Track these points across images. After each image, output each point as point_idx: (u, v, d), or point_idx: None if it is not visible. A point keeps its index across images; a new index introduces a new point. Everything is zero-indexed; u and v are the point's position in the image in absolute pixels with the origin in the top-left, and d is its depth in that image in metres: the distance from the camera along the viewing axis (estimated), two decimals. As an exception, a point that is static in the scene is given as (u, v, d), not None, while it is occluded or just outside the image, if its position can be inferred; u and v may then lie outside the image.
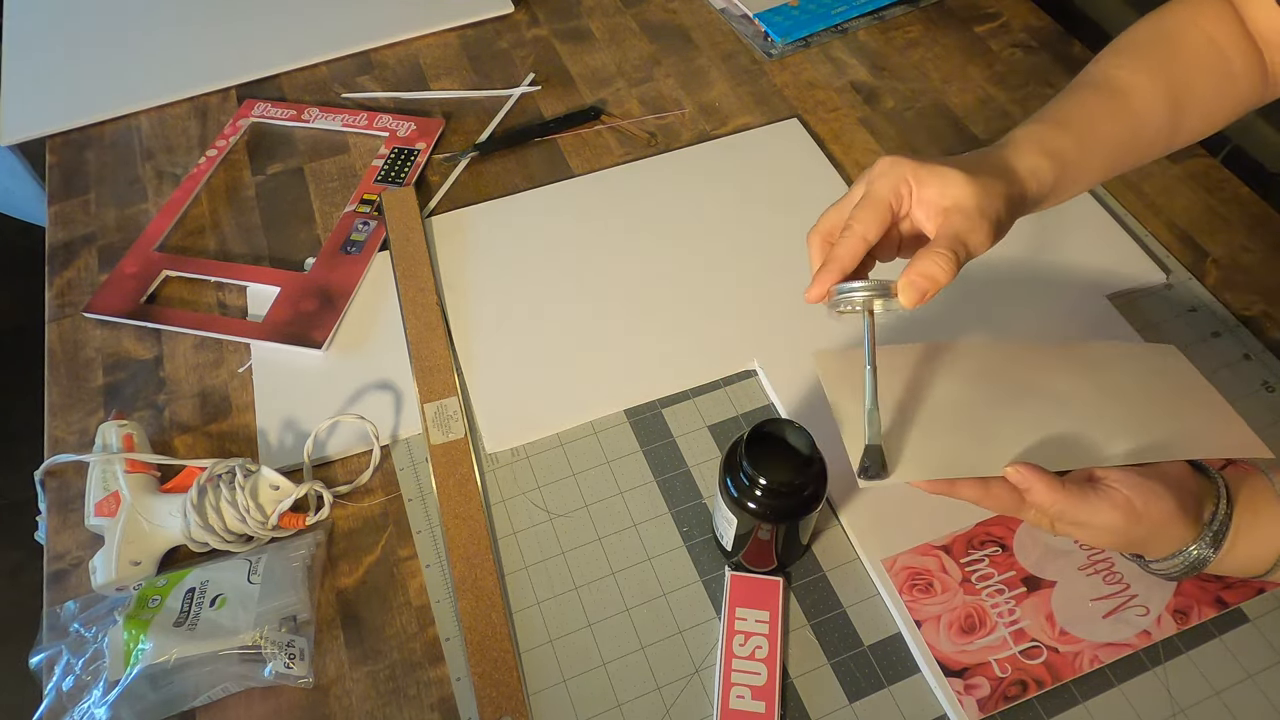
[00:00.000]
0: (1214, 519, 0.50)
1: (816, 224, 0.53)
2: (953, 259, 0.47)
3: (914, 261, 0.48)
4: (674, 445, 0.64)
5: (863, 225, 0.50)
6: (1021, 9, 0.95)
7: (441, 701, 0.55)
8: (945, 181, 0.49)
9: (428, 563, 0.60)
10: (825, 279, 0.50)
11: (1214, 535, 0.50)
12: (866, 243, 0.50)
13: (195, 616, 0.54)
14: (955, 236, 0.48)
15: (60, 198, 0.82)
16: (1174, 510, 0.49)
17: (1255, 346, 0.68)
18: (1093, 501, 0.48)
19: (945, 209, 0.49)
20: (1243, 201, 0.78)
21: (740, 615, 0.56)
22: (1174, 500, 0.49)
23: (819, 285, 0.50)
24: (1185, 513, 0.49)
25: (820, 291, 0.50)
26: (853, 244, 0.50)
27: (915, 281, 0.47)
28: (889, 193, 0.50)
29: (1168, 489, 0.49)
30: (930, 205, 0.50)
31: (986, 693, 0.53)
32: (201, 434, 0.66)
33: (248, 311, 0.73)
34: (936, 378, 0.56)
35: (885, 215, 0.50)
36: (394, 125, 0.85)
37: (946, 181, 0.49)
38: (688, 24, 0.95)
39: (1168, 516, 0.49)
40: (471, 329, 0.71)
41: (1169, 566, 0.51)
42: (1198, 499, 0.50)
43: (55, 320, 0.73)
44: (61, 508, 0.63)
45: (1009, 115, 0.85)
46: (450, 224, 0.78)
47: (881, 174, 0.50)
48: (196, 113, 0.88)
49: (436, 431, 0.64)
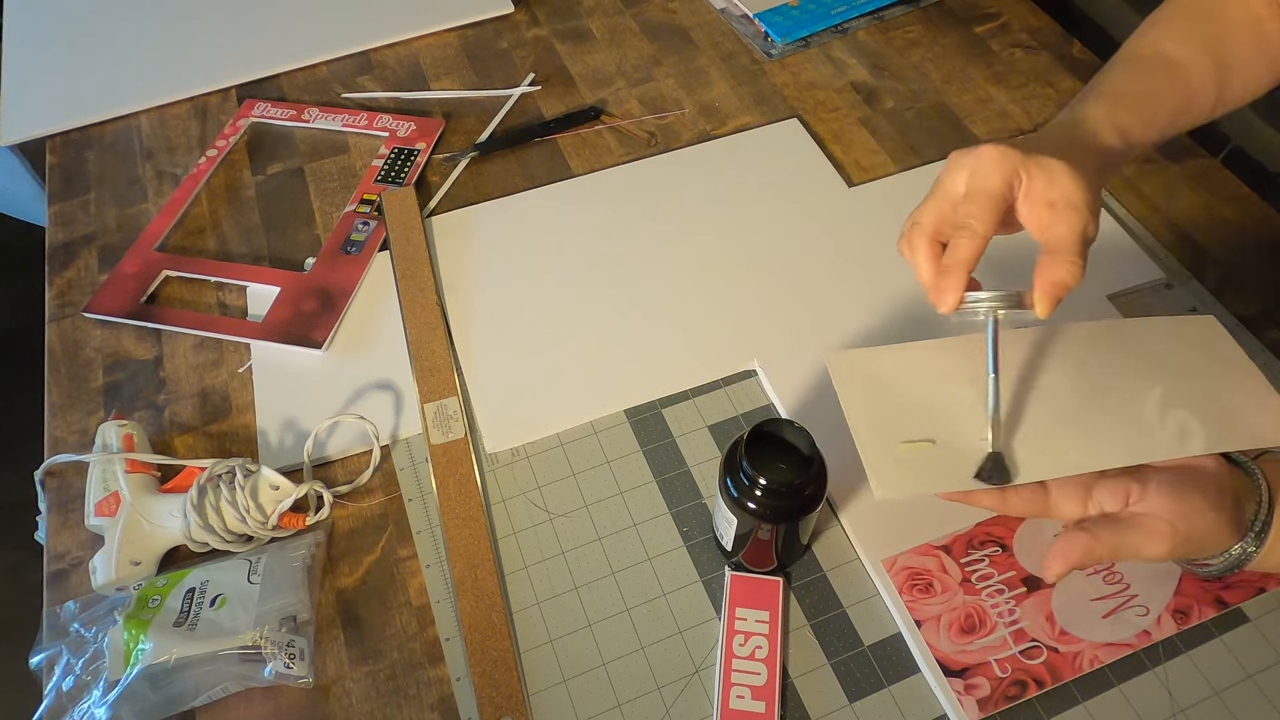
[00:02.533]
0: (1255, 519, 0.49)
1: (917, 222, 0.50)
2: (1083, 263, 0.46)
3: (1046, 269, 0.46)
4: (674, 445, 0.64)
5: (983, 223, 0.47)
6: (1021, 9, 0.95)
7: (441, 701, 0.55)
8: (1052, 175, 0.47)
9: (428, 563, 0.60)
10: (957, 285, 0.47)
11: (1256, 534, 0.49)
12: (986, 241, 0.47)
13: (195, 616, 0.54)
14: (1080, 236, 0.46)
15: (60, 198, 0.82)
16: (1215, 521, 0.48)
17: (1255, 346, 0.68)
18: (1134, 542, 0.47)
19: (1052, 202, 0.47)
20: (1243, 201, 0.78)
21: (740, 615, 0.56)
22: (1215, 512, 0.48)
23: (953, 292, 0.47)
24: (1228, 519, 0.48)
25: (956, 299, 0.47)
26: (976, 245, 0.47)
27: (1051, 291, 0.46)
28: (1003, 186, 0.47)
29: (1207, 501, 0.48)
30: (1037, 198, 0.47)
31: (986, 693, 0.53)
32: (201, 434, 0.66)
33: (248, 311, 0.73)
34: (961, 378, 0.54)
35: (1002, 210, 0.48)
36: (394, 125, 0.85)
37: (1053, 175, 0.47)
38: (688, 24, 0.95)
39: (1210, 529, 0.48)
40: (471, 329, 0.71)
41: (1211, 567, 0.51)
42: (1238, 500, 0.49)
43: (55, 320, 0.73)
44: (61, 508, 0.63)
45: (1009, 115, 0.85)
46: (450, 224, 0.78)
47: (993, 165, 0.47)
48: (196, 113, 0.88)
49: (436, 431, 0.64)
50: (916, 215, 0.50)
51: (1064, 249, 0.46)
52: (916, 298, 0.71)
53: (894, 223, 0.75)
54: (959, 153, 0.49)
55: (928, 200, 0.50)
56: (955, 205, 0.49)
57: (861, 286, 0.72)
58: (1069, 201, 0.47)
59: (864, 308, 0.70)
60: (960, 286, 0.47)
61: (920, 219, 0.50)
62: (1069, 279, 0.46)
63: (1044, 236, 0.48)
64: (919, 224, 0.50)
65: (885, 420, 0.52)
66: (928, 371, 0.55)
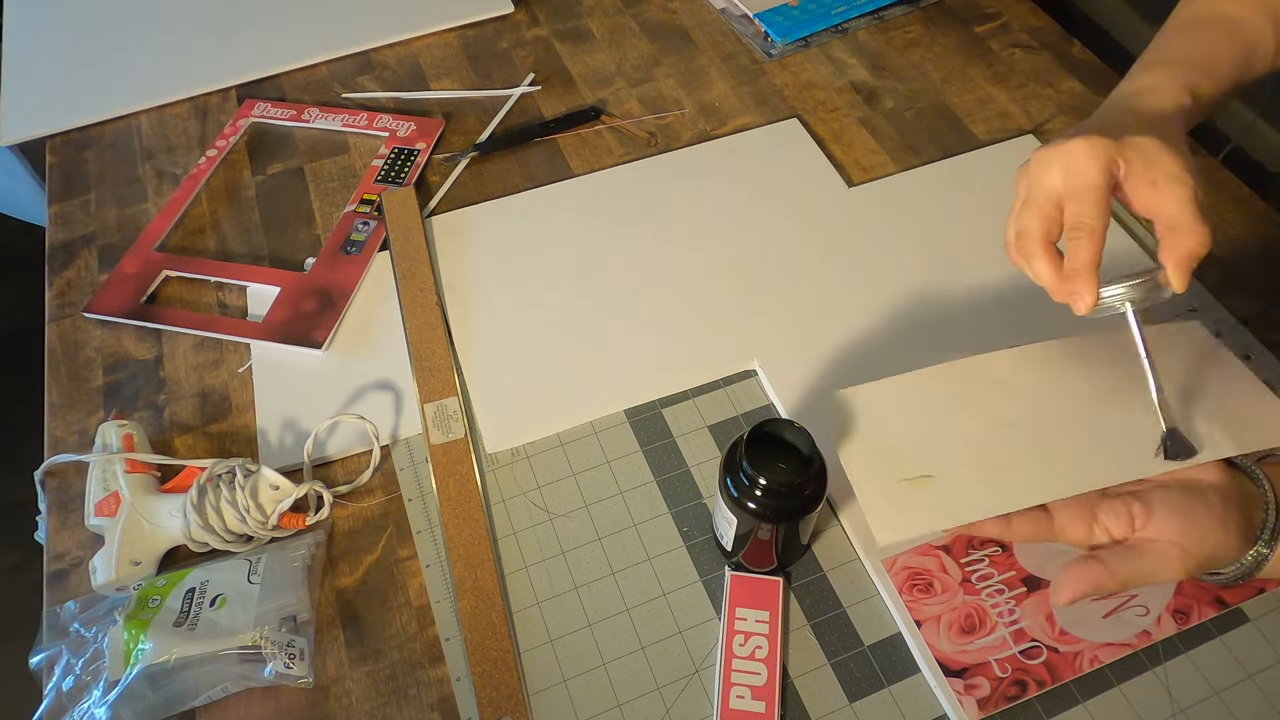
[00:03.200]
0: (1265, 525, 0.49)
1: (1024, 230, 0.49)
2: (1208, 227, 0.46)
3: (1173, 244, 0.46)
4: (674, 445, 0.64)
5: (1099, 220, 0.47)
6: (1021, 9, 0.95)
7: (441, 701, 0.55)
8: (1147, 155, 0.46)
9: (428, 563, 0.60)
10: (1089, 285, 0.47)
11: (1267, 540, 0.49)
12: (1104, 236, 0.47)
13: (195, 616, 0.54)
14: (1193, 204, 0.46)
15: (60, 198, 0.82)
16: (1224, 536, 0.48)
17: (1255, 346, 0.68)
18: (1145, 567, 0.47)
19: (1154, 180, 0.46)
20: (1243, 201, 0.78)
21: (740, 615, 0.56)
22: (1222, 528, 0.48)
23: (1089, 293, 0.47)
24: (1236, 530, 0.48)
25: (1093, 299, 0.47)
26: (1096, 243, 0.47)
27: (1186, 265, 0.46)
28: (1105, 176, 0.47)
29: (1214, 518, 0.48)
30: (1139, 180, 0.47)
31: (986, 693, 0.53)
32: (201, 434, 0.66)
33: (248, 311, 0.73)
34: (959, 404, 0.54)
35: (1109, 201, 0.47)
36: (394, 125, 0.85)
37: (1149, 154, 0.46)
38: (688, 24, 0.95)
39: (1220, 544, 0.48)
40: (471, 329, 0.71)
41: (1224, 575, 0.51)
42: (1244, 509, 0.49)
43: (55, 320, 0.73)
44: (61, 508, 0.63)
45: (1009, 115, 0.85)
46: (450, 224, 0.78)
47: (1088, 158, 0.47)
48: (196, 113, 0.88)
49: (436, 431, 0.64)
50: (1021, 223, 0.49)
51: (1183, 220, 0.46)
52: (917, 298, 0.71)
53: (894, 223, 0.76)
54: (1044, 150, 0.48)
55: (1027, 206, 0.49)
56: (1057, 204, 0.48)
57: (861, 286, 0.72)
58: (1170, 175, 0.46)
59: (864, 308, 0.70)
60: (1094, 286, 0.47)
61: (1027, 226, 0.49)
62: (1199, 248, 0.45)
63: (1155, 214, 0.47)
64: (1026, 231, 0.49)
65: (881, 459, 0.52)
66: (923, 401, 0.54)
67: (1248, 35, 0.55)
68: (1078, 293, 0.47)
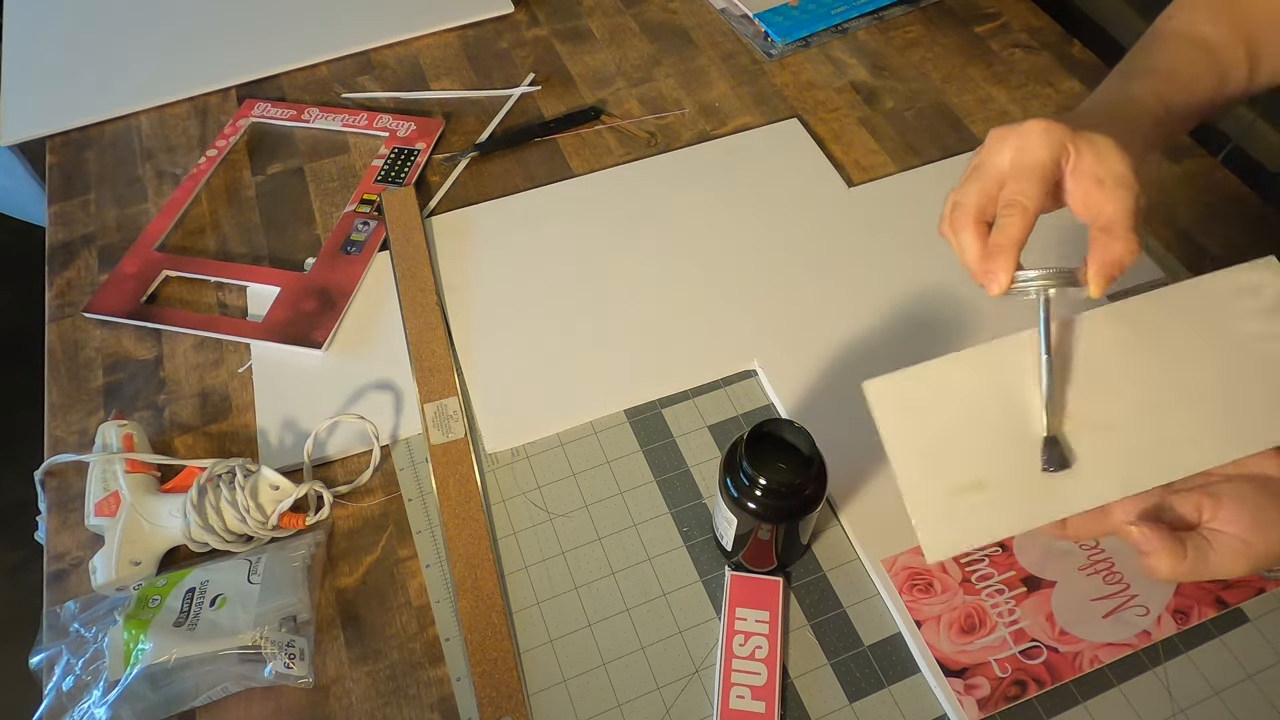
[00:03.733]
0: None
1: (959, 202, 0.48)
2: (1139, 239, 0.44)
3: (1100, 247, 0.45)
4: (674, 445, 0.64)
5: (1032, 200, 0.45)
6: (1021, 9, 0.95)
7: (441, 701, 0.55)
8: (1100, 151, 0.45)
9: (428, 563, 0.60)
10: (1007, 265, 0.45)
11: None
12: (1036, 218, 0.45)
13: (195, 616, 0.54)
14: (1132, 212, 0.45)
15: (60, 198, 0.82)
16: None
17: (1255, 346, 0.68)
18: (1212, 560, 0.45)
19: (1101, 179, 0.45)
20: (1243, 201, 0.78)
21: (740, 615, 0.56)
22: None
23: (1005, 272, 0.45)
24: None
25: (1007, 280, 0.45)
26: (1026, 221, 0.45)
27: (1108, 270, 0.45)
28: (1051, 161, 0.45)
29: None
30: (1085, 174, 0.46)
31: (986, 693, 0.53)
32: (201, 434, 0.66)
33: (248, 311, 0.73)
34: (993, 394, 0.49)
35: (1050, 185, 0.46)
36: (394, 125, 0.85)
37: (1101, 151, 0.45)
38: (688, 24, 0.95)
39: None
40: (471, 329, 0.71)
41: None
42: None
43: (55, 320, 0.73)
44: (61, 508, 0.63)
45: (1009, 115, 0.85)
46: (450, 224, 0.78)
47: (1040, 140, 0.45)
48: (196, 113, 0.88)
49: (436, 431, 0.64)
50: (958, 195, 0.48)
51: (1118, 225, 0.45)
52: (917, 298, 0.71)
53: (894, 223, 0.76)
54: (1000, 129, 0.47)
55: (969, 179, 0.48)
56: (1000, 183, 0.47)
57: (861, 286, 0.72)
58: (1118, 178, 0.45)
59: (864, 308, 0.70)
60: (1011, 266, 0.45)
61: (963, 199, 0.48)
62: (1126, 256, 0.45)
63: (1093, 214, 0.46)
64: (961, 204, 0.47)
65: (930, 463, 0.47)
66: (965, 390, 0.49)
67: (1222, 59, 0.55)
68: (993, 271, 0.46)
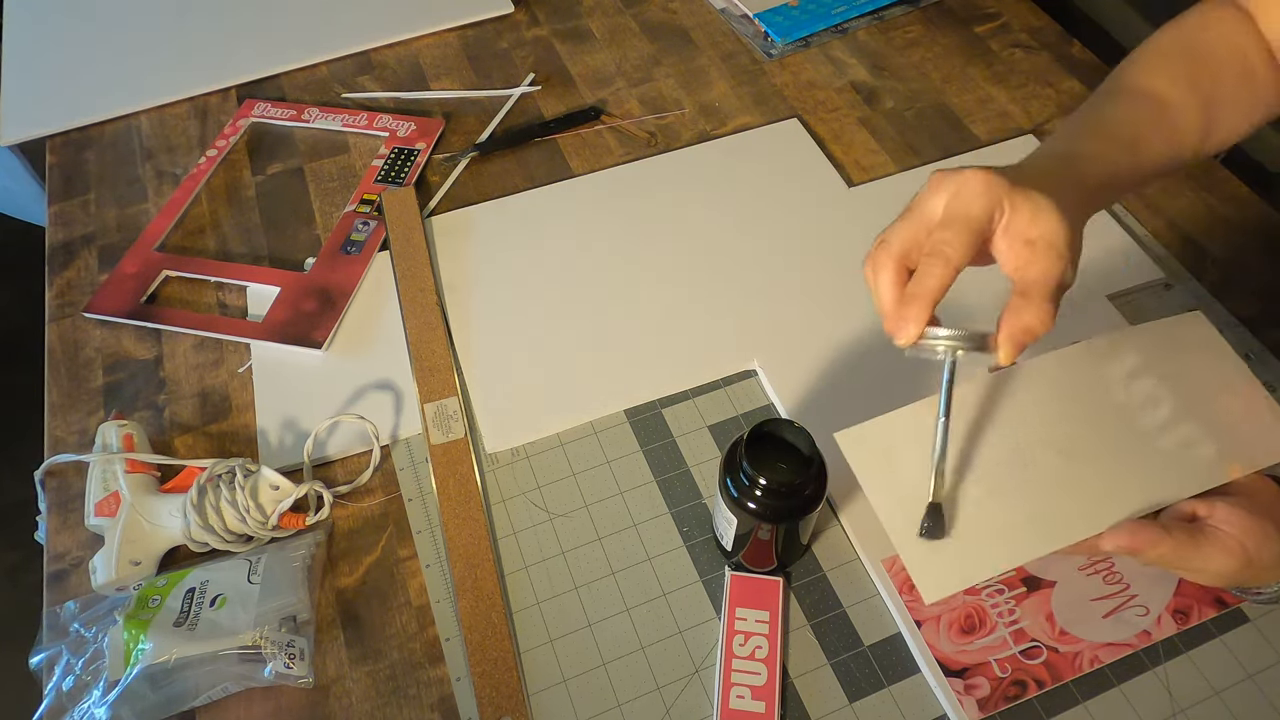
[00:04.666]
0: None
1: (884, 242, 0.46)
2: (1054, 310, 0.43)
3: (1015, 313, 0.43)
4: (674, 445, 0.64)
5: (959, 252, 0.43)
6: (1021, 9, 0.95)
7: (441, 701, 0.55)
8: (1037, 211, 0.44)
9: (428, 563, 0.60)
10: (919, 316, 0.43)
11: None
12: (958, 272, 0.44)
13: (195, 616, 0.54)
14: (1056, 281, 0.43)
15: (60, 198, 0.82)
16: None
17: (1255, 346, 0.68)
18: (1205, 549, 0.46)
19: (1032, 240, 0.44)
20: (1243, 201, 0.78)
21: (740, 615, 0.56)
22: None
23: (915, 324, 0.44)
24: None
25: (917, 332, 0.44)
26: (948, 275, 0.43)
27: (1019, 338, 0.43)
28: (984, 215, 0.44)
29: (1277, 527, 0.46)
30: (1017, 234, 0.44)
31: (986, 693, 0.53)
32: (201, 434, 0.66)
33: (248, 311, 0.73)
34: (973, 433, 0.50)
35: (979, 240, 0.44)
36: (394, 125, 0.85)
37: (1038, 211, 0.44)
38: (688, 24, 0.95)
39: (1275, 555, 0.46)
40: (471, 329, 0.71)
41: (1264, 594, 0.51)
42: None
43: (55, 320, 0.73)
44: (61, 508, 0.63)
45: (1009, 115, 0.85)
46: (450, 224, 0.78)
47: (977, 192, 0.44)
48: (196, 113, 0.88)
49: (436, 431, 0.64)
50: (885, 235, 0.46)
51: (1036, 293, 0.43)
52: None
53: (894, 223, 0.76)
54: (941, 174, 0.46)
55: (900, 220, 0.46)
56: (929, 228, 0.45)
57: (861, 287, 0.71)
58: (1049, 242, 0.44)
59: (864, 308, 0.70)
60: (923, 318, 0.43)
61: (889, 238, 0.46)
62: (1038, 326, 0.43)
63: (1018, 275, 0.45)
64: (886, 243, 0.46)
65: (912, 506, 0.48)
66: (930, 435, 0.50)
67: (1177, 122, 0.53)
68: (905, 320, 0.44)
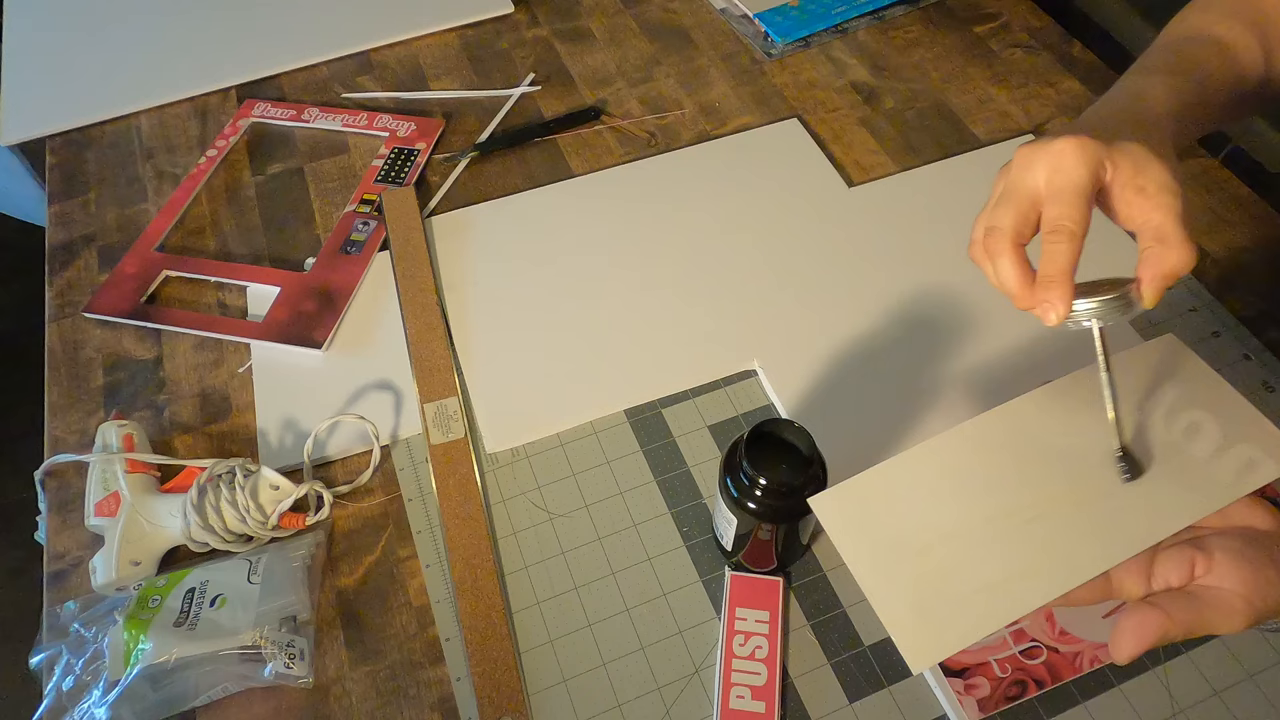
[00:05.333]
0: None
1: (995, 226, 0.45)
2: (1194, 246, 0.43)
3: (1156, 258, 0.43)
4: (674, 445, 0.64)
5: (1080, 223, 0.43)
6: (1021, 9, 0.95)
7: (441, 701, 0.55)
8: (1137, 160, 0.44)
9: (428, 563, 0.60)
10: (1064, 296, 0.43)
11: None
12: (1083, 240, 0.43)
13: (195, 616, 0.54)
14: (1181, 218, 0.43)
15: (60, 198, 0.82)
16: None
17: (1255, 346, 0.68)
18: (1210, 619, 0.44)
19: (1143, 188, 0.44)
20: (1243, 201, 0.78)
21: (740, 615, 0.56)
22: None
23: (1063, 303, 0.43)
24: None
25: (1065, 310, 0.43)
26: (1075, 247, 0.43)
27: (1165, 282, 0.43)
28: (1091, 180, 0.43)
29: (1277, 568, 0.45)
30: (1127, 186, 0.44)
31: (986, 693, 0.53)
32: (201, 434, 0.66)
33: (248, 311, 0.73)
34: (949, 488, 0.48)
35: (1091, 204, 0.44)
36: (394, 125, 0.85)
37: (1138, 160, 0.44)
38: (688, 24, 0.95)
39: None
40: (471, 329, 0.71)
41: None
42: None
43: (55, 320, 0.73)
44: (61, 508, 0.63)
45: (1009, 115, 0.85)
46: (450, 224, 0.78)
47: (1076, 159, 0.43)
48: (196, 113, 0.88)
49: (436, 431, 0.64)
50: (993, 219, 0.45)
51: (1172, 233, 0.43)
52: (917, 297, 0.71)
53: (894, 223, 0.76)
54: (1029, 148, 0.45)
55: (1002, 202, 0.45)
56: (1035, 205, 0.44)
57: (861, 286, 0.72)
58: (1160, 184, 0.44)
59: (864, 308, 0.70)
60: (1069, 296, 0.43)
61: (1000, 222, 0.45)
62: (1183, 266, 0.43)
63: (1141, 224, 0.44)
64: (997, 229, 0.45)
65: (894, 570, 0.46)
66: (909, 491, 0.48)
67: (1239, 57, 0.54)
68: (1050, 302, 0.43)
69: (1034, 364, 0.66)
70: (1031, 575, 0.45)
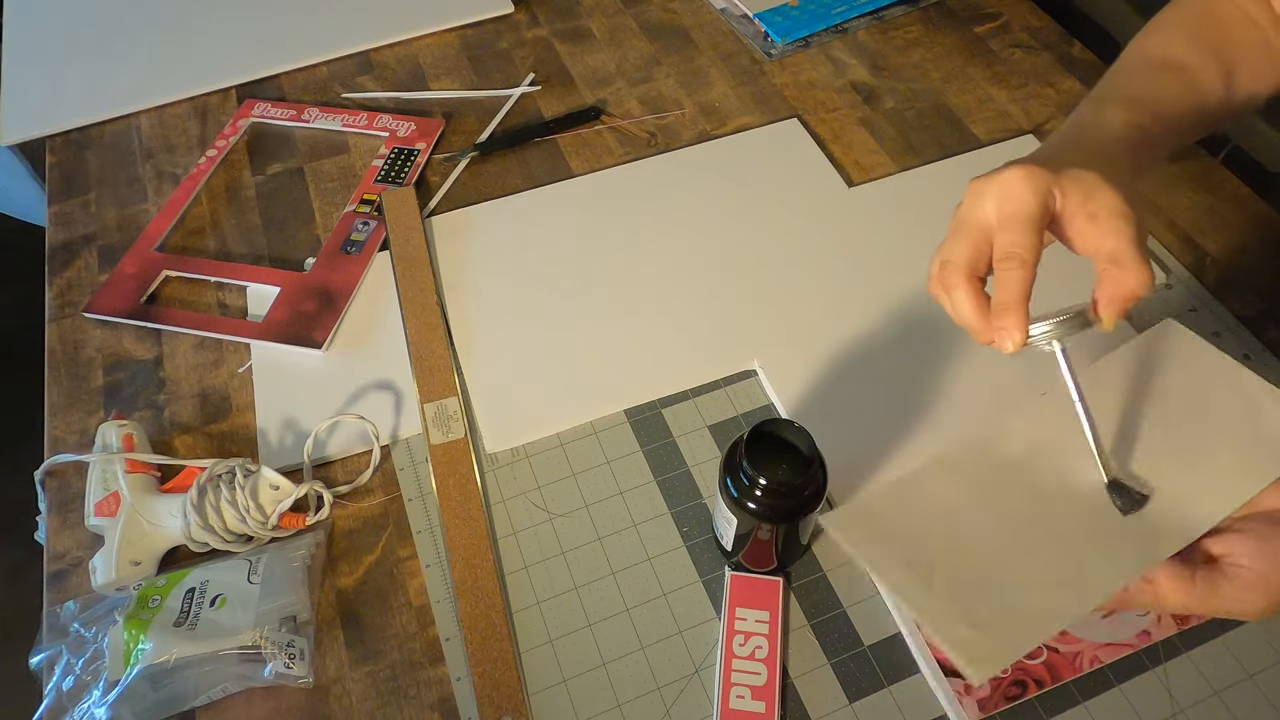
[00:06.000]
0: None
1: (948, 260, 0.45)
2: (1149, 266, 0.43)
3: (1113, 280, 0.44)
4: (674, 445, 0.64)
5: (1030, 250, 0.43)
6: (1021, 9, 0.95)
7: (441, 701, 0.55)
8: (1086, 186, 0.44)
9: (428, 563, 0.60)
10: (1019, 323, 0.43)
11: None
12: (1035, 268, 0.44)
13: (195, 616, 0.54)
14: (1135, 241, 0.43)
15: (60, 198, 0.82)
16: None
17: (1255, 346, 0.68)
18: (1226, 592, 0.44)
19: (1094, 214, 0.44)
20: (1243, 201, 0.78)
21: (740, 615, 0.56)
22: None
23: (1018, 330, 0.43)
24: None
25: (1022, 337, 0.43)
26: (1027, 274, 0.43)
27: (1122, 304, 0.44)
28: (1039, 207, 0.44)
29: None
30: (1075, 212, 0.44)
31: (986, 693, 0.53)
32: (201, 434, 0.66)
33: (248, 311, 0.73)
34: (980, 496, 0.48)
35: (1042, 232, 0.44)
36: (394, 125, 0.85)
37: (1087, 186, 0.44)
38: (688, 24, 0.95)
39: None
40: (471, 329, 0.71)
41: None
42: None
43: (55, 320, 0.73)
44: (61, 508, 0.63)
45: (1009, 115, 0.85)
46: (450, 224, 0.78)
47: (1024, 187, 0.44)
48: (196, 113, 0.88)
49: (436, 431, 0.64)
50: (945, 253, 0.46)
51: (1126, 256, 0.43)
52: (917, 297, 0.71)
53: (894, 223, 0.76)
54: (978, 180, 0.46)
55: (953, 236, 0.46)
56: (987, 236, 0.45)
57: (861, 286, 0.72)
58: (1111, 210, 0.44)
59: (864, 308, 0.70)
60: (1024, 322, 0.43)
61: (952, 256, 0.45)
62: (1140, 288, 0.43)
63: (1095, 250, 0.45)
64: (951, 263, 0.45)
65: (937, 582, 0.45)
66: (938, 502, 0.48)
67: (1198, 82, 0.54)
68: (1006, 329, 0.44)
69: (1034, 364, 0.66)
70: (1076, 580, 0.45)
